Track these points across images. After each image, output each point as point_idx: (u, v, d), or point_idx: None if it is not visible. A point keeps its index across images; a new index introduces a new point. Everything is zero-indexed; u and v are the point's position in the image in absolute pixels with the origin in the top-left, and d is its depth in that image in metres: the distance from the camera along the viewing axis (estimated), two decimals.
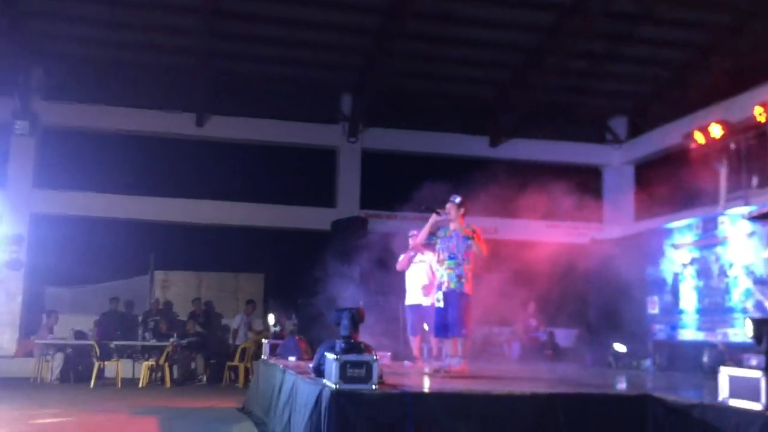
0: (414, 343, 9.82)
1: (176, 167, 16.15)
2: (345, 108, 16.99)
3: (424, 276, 9.63)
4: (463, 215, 7.75)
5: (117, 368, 12.70)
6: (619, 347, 10.95)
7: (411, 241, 9.66)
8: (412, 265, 9.73)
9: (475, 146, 17.07)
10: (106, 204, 15.72)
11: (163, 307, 15.00)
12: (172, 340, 13.19)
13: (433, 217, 7.84)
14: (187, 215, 16.10)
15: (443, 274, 7.63)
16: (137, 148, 15.89)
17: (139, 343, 13.69)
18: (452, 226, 7.69)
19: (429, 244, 8.05)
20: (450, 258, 7.57)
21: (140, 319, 14.70)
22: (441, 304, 7.59)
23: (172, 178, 16.12)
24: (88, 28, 14.51)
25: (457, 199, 7.76)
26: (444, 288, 7.56)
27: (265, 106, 16.44)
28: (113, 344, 13.15)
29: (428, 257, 9.44)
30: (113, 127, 15.93)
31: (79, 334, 13.39)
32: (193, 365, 13.73)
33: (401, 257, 9.81)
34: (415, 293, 9.72)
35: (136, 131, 16.06)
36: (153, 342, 13.41)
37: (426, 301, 9.36)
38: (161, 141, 16.29)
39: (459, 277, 7.49)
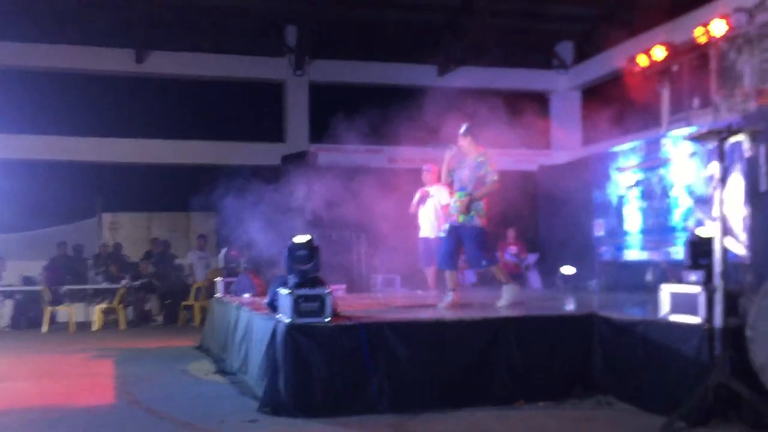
0: (427, 273, 9.95)
1: (118, 106, 15.72)
2: (290, 40, 16.60)
3: (431, 211, 9.84)
4: (475, 142, 7.42)
5: (70, 313, 12.59)
6: (567, 270, 11.23)
7: (425, 177, 9.77)
8: None
9: (424, 75, 16.93)
10: (47, 146, 15.26)
11: (113, 250, 14.81)
12: (124, 282, 13.08)
13: (447, 154, 7.52)
14: (132, 155, 15.75)
15: (453, 206, 7.39)
16: (76, 87, 15.37)
17: (90, 286, 13.55)
18: (465, 156, 7.40)
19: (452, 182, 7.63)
20: (460, 189, 7.28)
21: (90, 262, 14.51)
22: (442, 235, 7.45)
23: (114, 117, 15.70)
24: None
25: (462, 128, 7.44)
26: (451, 221, 7.33)
27: (207, 39, 15.97)
28: (64, 289, 12.99)
29: (436, 192, 9.70)
30: (49, 66, 15.33)
31: (28, 280, 13.19)
32: (147, 306, 13.68)
33: (415, 199, 9.87)
34: (424, 227, 9.94)
35: (73, 69, 15.49)
36: (105, 285, 13.29)
37: (433, 234, 9.55)
38: (101, 79, 15.81)
39: (468, 209, 7.15)
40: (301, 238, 6.18)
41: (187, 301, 13.43)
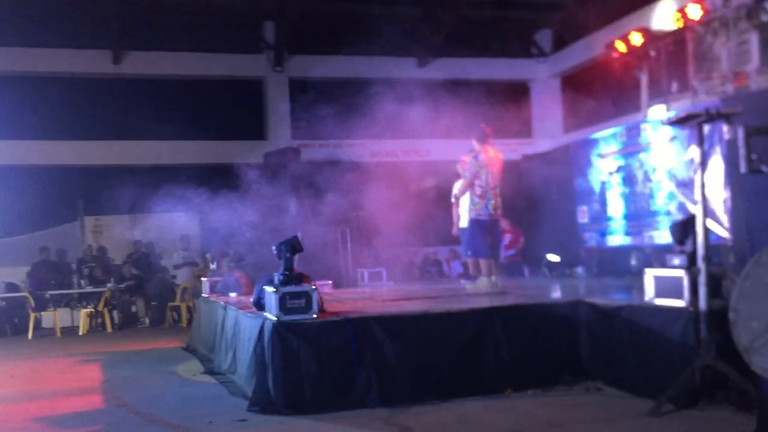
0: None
1: (96, 108, 15.61)
2: (268, 36, 16.53)
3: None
4: (482, 144, 8.13)
5: (54, 318, 12.50)
6: (553, 257, 11.30)
7: (460, 167, 9.80)
8: None
9: (403, 68, 16.90)
10: (26, 151, 15.13)
11: (97, 253, 14.70)
12: (109, 285, 13.00)
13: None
14: (113, 158, 15.65)
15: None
16: (53, 90, 15.24)
17: (75, 291, 13.45)
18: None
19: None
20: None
21: (74, 266, 14.40)
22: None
23: (94, 119, 15.60)
24: None
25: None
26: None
27: (184, 38, 15.88)
28: (48, 294, 12.89)
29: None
30: (26, 70, 15.21)
31: (11, 286, 13.08)
32: (133, 309, 13.59)
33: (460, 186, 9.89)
34: (464, 218, 9.92)
35: (50, 72, 15.36)
36: (89, 289, 13.20)
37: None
38: (78, 81, 15.71)
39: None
40: (287, 236, 6.17)
41: (173, 302, 13.38)
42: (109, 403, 6.26)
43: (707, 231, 5.09)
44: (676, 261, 5.37)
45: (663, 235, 8.46)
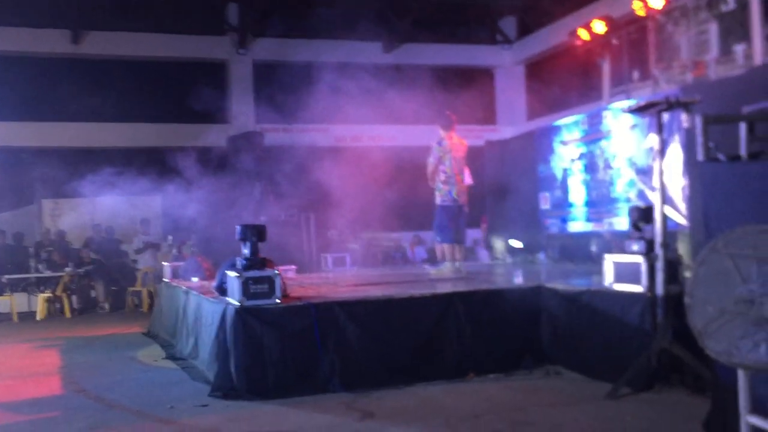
0: None
1: (55, 89, 15.25)
2: (232, 18, 16.32)
3: None
4: (447, 131, 8.24)
5: (12, 302, 12.26)
6: (515, 243, 11.40)
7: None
8: None
9: (369, 53, 16.83)
10: None
11: (55, 237, 14.43)
12: (68, 269, 12.78)
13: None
14: (72, 140, 15.32)
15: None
16: (9, 69, 14.84)
17: (33, 275, 13.19)
18: None
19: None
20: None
21: (32, 250, 14.11)
22: None
23: (52, 100, 15.24)
24: None
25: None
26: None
27: (146, 19, 15.58)
28: (5, 278, 12.62)
29: None
30: None
31: None
32: (93, 293, 13.40)
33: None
34: None
35: (8, 51, 14.95)
36: (48, 273, 12.95)
37: None
38: (36, 61, 15.33)
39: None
40: (250, 220, 6.13)
41: (134, 287, 13.21)
42: (68, 388, 6.18)
43: (665, 218, 5.19)
44: (635, 247, 5.47)
45: (623, 222, 8.58)
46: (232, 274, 5.73)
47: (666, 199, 5.24)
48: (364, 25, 17.02)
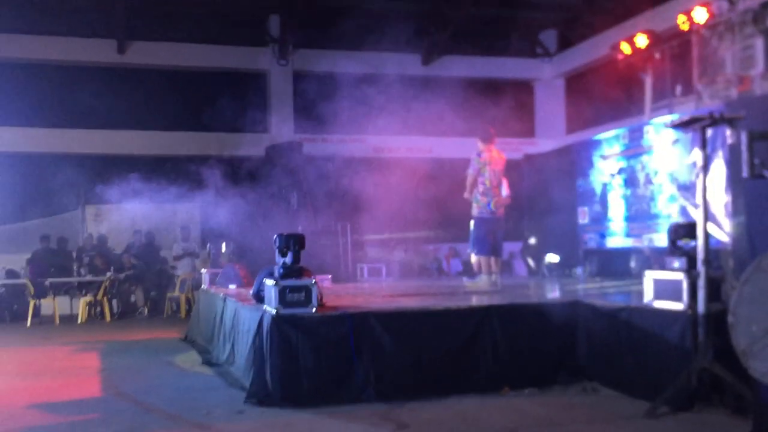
0: None
1: (100, 97, 15.56)
2: (273, 30, 16.52)
3: None
4: (486, 143, 8.26)
5: (54, 305, 12.51)
6: (552, 257, 11.30)
7: None
8: None
9: (407, 65, 16.88)
10: (29, 139, 15.14)
11: (97, 242, 14.70)
12: (109, 274, 13.01)
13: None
14: (115, 147, 15.65)
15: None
16: (57, 78, 15.28)
17: (75, 279, 13.46)
18: None
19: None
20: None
21: (74, 255, 14.40)
22: None
23: (97, 108, 15.55)
24: None
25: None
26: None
27: (189, 30, 15.88)
28: (48, 282, 12.89)
29: None
30: (30, 57, 15.22)
31: (11, 273, 13.08)
32: (132, 298, 13.62)
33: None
34: None
35: (55, 60, 15.38)
36: (89, 277, 13.21)
37: None
38: (82, 70, 15.73)
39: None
40: (288, 230, 6.18)
41: (172, 293, 13.39)
42: (107, 391, 6.28)
43: (707, 234, 5.10)
44: (676, 264, 5.38)
45: (663, 238, 8.45)
46: (269, 282, 5.78)
47: (708, 216, 5.16)
48: (404, 37, 17.09)
